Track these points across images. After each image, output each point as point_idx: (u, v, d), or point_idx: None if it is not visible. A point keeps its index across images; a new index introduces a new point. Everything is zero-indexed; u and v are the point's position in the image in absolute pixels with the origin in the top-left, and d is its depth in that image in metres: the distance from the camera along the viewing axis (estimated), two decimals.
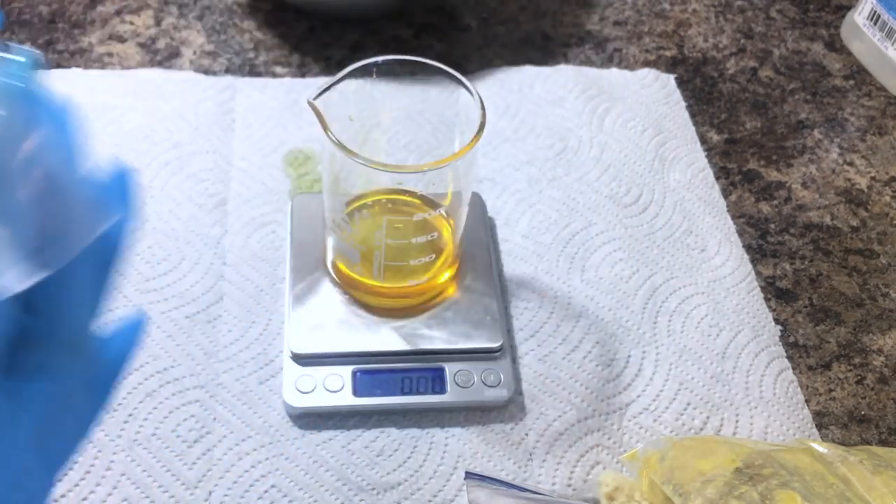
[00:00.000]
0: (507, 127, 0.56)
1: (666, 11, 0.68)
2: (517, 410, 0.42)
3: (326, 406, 0.40)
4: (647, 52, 0.64)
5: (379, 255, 0.40)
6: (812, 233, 0.53)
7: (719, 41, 0.66)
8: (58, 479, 0.22)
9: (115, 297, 0.44)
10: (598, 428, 0.42)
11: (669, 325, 0.46)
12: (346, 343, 0.41)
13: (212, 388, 0.41)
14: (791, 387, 0.45)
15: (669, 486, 0.35)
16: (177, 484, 0.38)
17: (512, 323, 0.45)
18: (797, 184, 0.56)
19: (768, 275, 0.50)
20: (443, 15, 0.64)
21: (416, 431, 0.41)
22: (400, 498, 0.38)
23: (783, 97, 0.62)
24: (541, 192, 0.52)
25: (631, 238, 0.50)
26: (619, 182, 0.53)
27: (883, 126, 0.61)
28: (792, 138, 0.59)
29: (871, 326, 0.48)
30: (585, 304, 0.47)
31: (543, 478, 0.40)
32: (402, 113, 0.46)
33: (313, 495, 0.38)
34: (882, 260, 0.52)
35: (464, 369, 0.42)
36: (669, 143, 0.56)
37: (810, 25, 0.68)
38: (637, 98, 0.59)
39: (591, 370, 0.44)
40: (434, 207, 0.41)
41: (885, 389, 0.46)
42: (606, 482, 0.38)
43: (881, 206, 0.55)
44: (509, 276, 0.47)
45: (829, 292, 0.50)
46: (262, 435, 0.40)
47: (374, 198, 0.43)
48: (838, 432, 0.44)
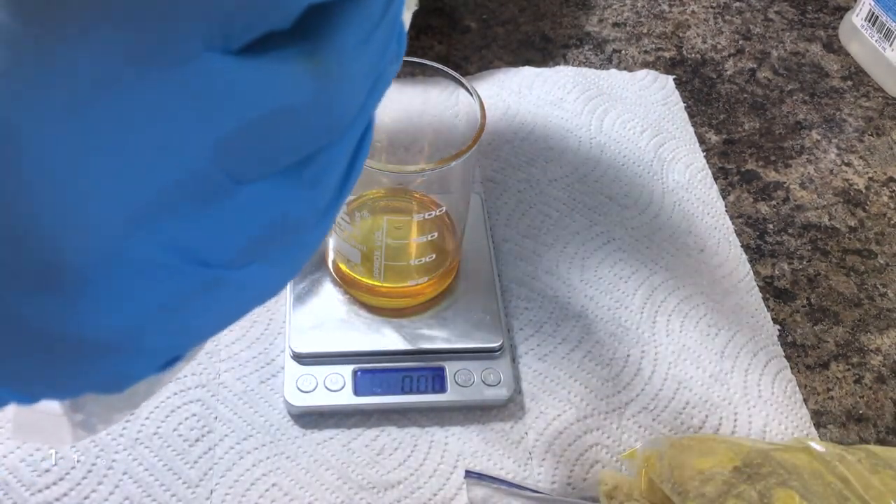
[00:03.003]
0: (507, 127, 0.56)
1: (665, 13, 0.68)
2: (517, 409, 0.42)
3: (327, 405, 0.40)
4: (646, 53, 0.64)
5: (379, 255, 0.40)
6: (810, 233, 0.53)
7: (718, 42, 0.66)
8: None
9: None
10: (598, 427, 0.42)
11: (668, 325, 0.46)
12: (346, 342, 0.42)
13: (213, 387, 0.41)
14: (789, 386, 0.45)
15: (668, 485, 0.35)
16: (178, 482, 0.38)
17: (512, 322, 0.45)
18: (795, 184, 0.56)
19: (767, 275, 0.51)
20: (443, 16, 0.64)
21: (416, 430, 0.41)
22: (400, 496, 0.39)
23: (781, 98, 0.62)
24: (541, 192, 0.52)
25: (630, 238, 0.50)
26: (618, 182, 0.54)
27: (881, 126, 0.61)
28: (790, 139, 0.59)
29: (868, 326, 0.49)
30: (585, 304, 0.47)
31: (543, 476, 0.40)
32: (402, 113, 0.46)
33: (314, 494, 0.38)
34: (880, 260, 0.52)
35: (464, 368, 0.42)
36: (668, 144, 0.57)
37: (808, 27, 0.69)
38: (636, 99, 0.59)
39: (591, 369, 0.44)
40: (434, 207, 0.41)
41: (883, 389, 0.46)
42: (605, 481, 0.39)
43: (879, 207, 0.55)
44: (509, 276, 0.47)
45: (827, 292, 0.50)
46: (264, 434, 0.40)
47: (375, 198, 0.43)
48: (836, 431, 0.44)
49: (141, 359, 0.19)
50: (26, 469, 0.37)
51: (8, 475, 0.37)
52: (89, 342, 0.17)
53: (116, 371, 0.19)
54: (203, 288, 0.18)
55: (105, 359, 0.18)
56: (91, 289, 0.16)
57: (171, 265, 0.17)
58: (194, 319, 0.18)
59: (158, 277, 0.17)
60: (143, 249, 0.16)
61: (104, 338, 0.17)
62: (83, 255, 0.16)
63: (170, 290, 0.17)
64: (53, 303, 0.16)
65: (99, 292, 0.16)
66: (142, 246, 0.16)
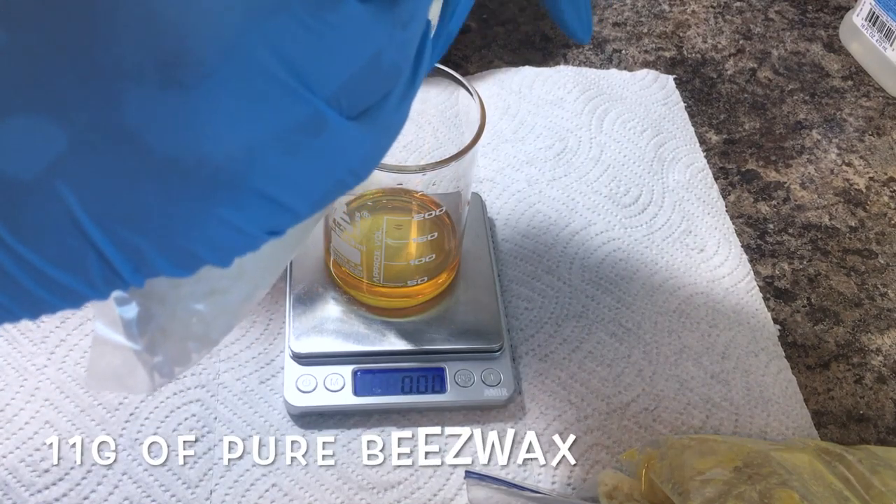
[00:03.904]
0: (506, 127, 0.56)
1: (665, 12, 0.68)
2: (517, 409, 0.42)
3: (327, 405, 0.40)
4: (647, 52, 0.64)
5: (379, 254, 0.40)
6: (810, 233, 0.53)
7: (718, 42, 0.66)
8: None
9: None
10: (598, 427, 0.42)
11: (669, 325, 0.46)
12: (346, 343, 0.42)
13: (213, 388, 0.41)
14: (790, 386, 0.45)
15: (669, 485, 0.35)
16: (178, 483, 0.38)
17: (512, 323, 0.45)
18: (796, 184, 0.56)
19: (767, 275, 0.51)
20: None
21: (416, 431, 0.41)
22: (400, 497, 0.39)
23: (782, 98, 0.62)
24: (541, 192, 0.52)
25: (630, 238, 0.50)
26: (618, 182, 0.53)
27: (881, 126, 0.61)
28: (790, 139, 0.59)
29: (869, 326, 0.49)
30: (585, 304, 0.47)
31: (543, 477, 0.40)
32: None
33: (314, 494, 0.38)
34: (880, 260, 0.52)
35: (464, 369, 0.42)
36: (668, 144, 0.57)
37: (809, 26, 0.69)
38: (636, 99, 0.59)
39: (591, 369, 0.44)
40: (434, 207, 0.41)
41: (884, 389, 0.46)
42: (606, 481, 0.39)
43: (879, 207, 0.55)
44: (509, 276, 0.47)
45: (827, 292, 0.50)
46: (264, 434, 0.40)
47: (375, 198, 0.43)
48: (837, 431, 0.44)
49: (250, 209, 0.19)
50: (26, 469, 0.37)
51: (8, 475, 0.37)
52: (206, 164, 0.18)
53: (226, 224, 0.19)
54: (309, 125, 0.19)
55: (218, 195, 0.18)
56: (211, 84, 0.17)
57: (280, 81, 0.18)
58: (300, 167, 0.19)
59: (270, 96, 0.18)
60: (257, 52, 0.17)
61: (220, 161, 0.18)
62: (205, 44, 0.17)
63: (280, 115, 0.18)
64: (175, 102, 0.17)
65: (218, 90, 0.17)
66: (257, 47, 0.17)
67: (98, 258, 0.18)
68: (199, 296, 0.25)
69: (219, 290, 0.25)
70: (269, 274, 0.26)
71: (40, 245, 0.18)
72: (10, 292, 0.18)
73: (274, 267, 0.26)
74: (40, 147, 0.17)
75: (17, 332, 0.42)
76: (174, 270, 0.20)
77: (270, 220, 0.20)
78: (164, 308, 0.25)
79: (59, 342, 0.42)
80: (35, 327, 0.42)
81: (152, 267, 0.19)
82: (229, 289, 0.25)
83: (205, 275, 0.22)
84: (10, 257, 0.18)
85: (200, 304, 0.25)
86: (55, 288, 0.19)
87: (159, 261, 0.19)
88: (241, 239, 0.20)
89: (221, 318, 0.25)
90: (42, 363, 0.41)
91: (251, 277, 0.25)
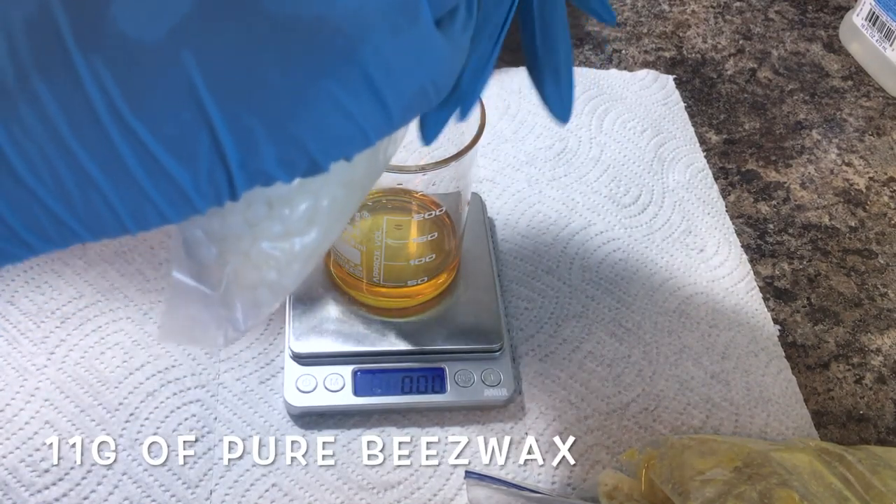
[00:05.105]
0: (506, 127, 0.56)
1: (665, 13, 0.68)
2: (517, 409, 0.42)
3: (327, 405, 0.40)
4: (647, 52, 0.64)
5: (379, 255, 0.40)
6: (810, 233, 0.53)
7: (718, 42, 0.66)
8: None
9: (115, 296, 0.44)
10: (598, 427, 0.42)
11: (669, 325, 0.46)
12: (346, 343, 0.42)
13: (213, 388, 0.41)
14: (790, 386, 0.45)
15: (669, 486, 0.35)
16: (178, 483, 0.38)
17: (512, 323, 0.45)
18: (796, 184, 0.56)
19: (767, 275, 0.51)
20: None
21: (416, 430, 0.41)
22: (400, 497, 0.39)
23: (782, 98, 0.62)
24: (541, 192, 0.52)
25: (630, 238, 0.50)
26: (618, 182, 0.53)
27: (881, 126, 0.61)
28: (790, 139, 0.59)
29: (869, 326, 0.49)
30: (585, 304, 0.47)
31: (543, 477, 0.40)
32: None
33: (314, 494, 0.38)
34: (880, 260, 0.52)
35: (464, 369, 0.42)
36: (668, 144, 0.57)
37: (809, 26, 0.69)
38: (636, 99, 0.59)
39: (591, 369, 0.44)
40: (434, 207, 0.41)
41: (884, 389, 0.46)
42: (606, 481, 0.39)
43: (879, 207, 0.55)
44: (509, 276, 0.47)
45: (827, 292, 0.50)
46: (263, 434, 0.40)
47: (374, 198, 0.43)
48: (837, 432, 0.44)
49: (357, 94, 0.19)
50: (26, 469, 0.37)
51: (8, 475, 0.37)
52: (324, 24, 0.18)
53: (335, 105, 0.19)
54: (409, 7, 0.19)
55: (333, 64, 0.19)
56: None
57: None
58: (398, 53, 0.20)
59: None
60: None
61: (337, 21, 0.18)
62: None
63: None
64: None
65: None
66: None
67: (210, 141, 0.18)
68: (273, 237, 0.25)
69: (292, 233, 0.26)
70: (337, 222, 0.27)
71: (155, 119, 0.18)
72: (117, 179, 0.18)
73: (341, 215, 0.27)
74: (166, 6, 0.17)
75: (17, 332, 0.42)
76: (278, 168, 0.20)
77: (369, 117, 0.20)
78: (239, 250, 0.25)
79: (59, 342, 0.42)
80: (35, 327, 0.42)
81: (260, 158, 0.19)
82: (302, 232, 0.26)
83: (279, 214, 0.23)
84: (124, 133, 0.18)
85: (274, 247, 0.26)
86: (162, 179, 0.18)
87: (267, 149, 0.19)
88: (346, 128, 0.20)
89: (294, 265, 0.26)
90: (42, 363, 0.41)
91: (321, 223, 0.26)
